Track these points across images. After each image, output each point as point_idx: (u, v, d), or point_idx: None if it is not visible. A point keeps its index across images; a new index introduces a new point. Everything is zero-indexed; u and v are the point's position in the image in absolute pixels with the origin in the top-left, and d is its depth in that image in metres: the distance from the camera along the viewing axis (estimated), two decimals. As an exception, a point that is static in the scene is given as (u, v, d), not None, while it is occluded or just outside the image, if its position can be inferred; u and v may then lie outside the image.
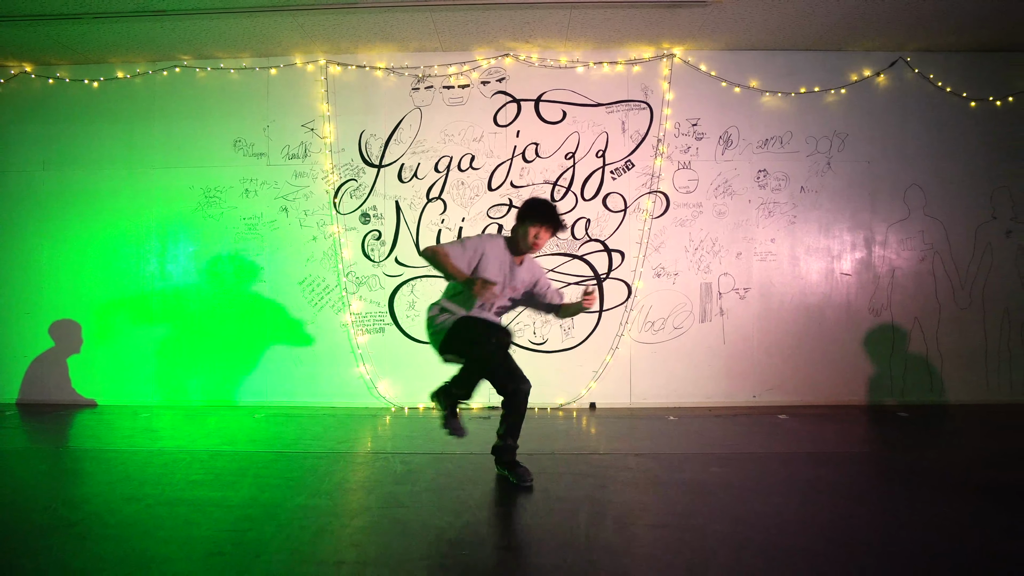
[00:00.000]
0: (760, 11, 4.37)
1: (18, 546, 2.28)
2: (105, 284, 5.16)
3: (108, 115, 5.18)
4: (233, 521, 2.49)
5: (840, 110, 5.01)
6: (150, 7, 4.28)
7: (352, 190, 5.01)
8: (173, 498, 2.79)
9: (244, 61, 5.12)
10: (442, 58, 5.00)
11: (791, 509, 2.65)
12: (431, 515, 2.55)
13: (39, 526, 2.48)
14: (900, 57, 5.00)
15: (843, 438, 4.01)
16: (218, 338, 5.07)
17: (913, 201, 5.03)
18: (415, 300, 4.97)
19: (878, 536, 2.31)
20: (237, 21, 4.53)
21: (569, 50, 4.98)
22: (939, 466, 3.32)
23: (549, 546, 2.25)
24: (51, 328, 5.21)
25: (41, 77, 5.21)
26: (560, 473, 3.16)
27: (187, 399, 5.08)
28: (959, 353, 4.99)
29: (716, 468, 3.25)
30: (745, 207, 4.99)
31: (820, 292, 5.01)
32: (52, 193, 5.20)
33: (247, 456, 3.51)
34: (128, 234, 5.17)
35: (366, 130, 5.02)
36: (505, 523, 2.53)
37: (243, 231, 5.08)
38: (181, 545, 2.27)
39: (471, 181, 4.97)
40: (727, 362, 4.97)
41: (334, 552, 2.19)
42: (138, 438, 4.02)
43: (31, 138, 5.22)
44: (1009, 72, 4.99)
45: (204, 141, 5.12)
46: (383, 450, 3.69)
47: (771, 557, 2.14)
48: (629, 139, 4.98)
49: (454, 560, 2.13)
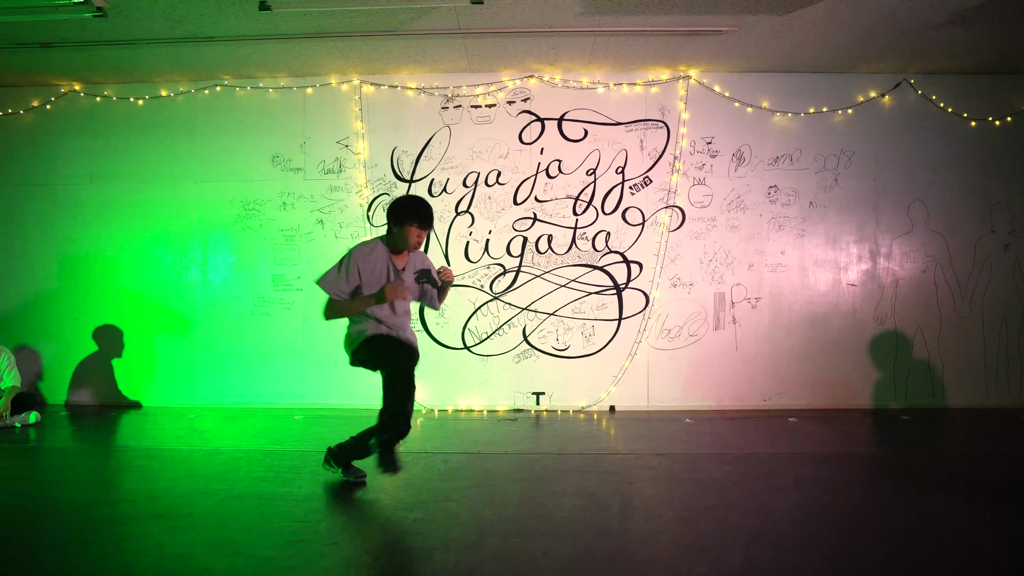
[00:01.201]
0: (771, 38, 4.64)
1: (115, 533, 2.57)
2: (149, 292, 5.46)
3: (152, 131, 5.47)
4: (303, 513, 2.78)
5: (847, 129, 5.28)
6: (200, 33, 4.58)
7: (384, 204, 5.30)
8: (242, 492, 3.08)
9: (282, 81, 5.41)
10: (470, 79, 5.29)
11: (801, 504, 2.92)
12: (479, 508, 2.84)
13: (128, 516, 2.77)
14: (904, 79, 5.27)
15: (849, 440, 4.28)
16: (256, 343, 5.36)
17: (916, 215, 5.29)
18: (444, 308, 5.21)
19: (882, 529, 2.59)
20: (278, 45, 4.81)
21: (591, 72, 5.26)
22: (938, 466, 3.60)
23: (587, 535, 2.53)
24: (95, 333, 5.51)
25: (89, 95, 5.51)
26: (588, 471, 3.44)
27: (227, 401, 5.37)
28: (959, 359, 5.26)
29: (730, 467, 3.53)
30: (757, 221, 5.27)
31: (827, 301, 5.28)
32: (98, 205, 5.50)
33: (298, 455, 3.79)
34: (171, 244, 5.46)
35: (398, 147, 5.31)
36: (546, 515, 2.80)
37: (281, 242, 5.38)
38: (261, 534, 2.55)
39: (497, 196, 5.26)
40: (739, 368, 5.24)
41: (401, 540, 2.48)
42: (191, 438, 4.32)
43: (78, 153, 5.51)
44: (1007, 93, 5.25)
45: (243, 156, 5.41)
46: (423, 450, 3.97)
47: (785, 547, 2.42)
48: (647, 156, 5.26)
49: (507, 547, 2.41)
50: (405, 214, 3.01)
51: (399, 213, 3.03)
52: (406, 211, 3.02)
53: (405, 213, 3.02)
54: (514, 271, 5.26)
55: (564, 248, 5.24)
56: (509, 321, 5.25)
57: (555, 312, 5.23)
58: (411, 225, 3.00)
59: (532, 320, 5.24)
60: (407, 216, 3.01)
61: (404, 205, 3.05)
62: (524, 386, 5.25)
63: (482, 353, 5.27)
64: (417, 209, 3.03)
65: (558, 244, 5.24)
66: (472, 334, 5.27)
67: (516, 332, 5.24)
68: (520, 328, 5.25)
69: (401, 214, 3.02)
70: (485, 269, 5.27)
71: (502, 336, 5.26)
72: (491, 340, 5.26)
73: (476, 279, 5.26)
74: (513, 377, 5.24)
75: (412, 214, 3.01)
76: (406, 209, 3.03)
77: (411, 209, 3.03)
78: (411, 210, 3.02)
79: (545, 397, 5.23)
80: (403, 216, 3.01)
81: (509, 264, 5.26)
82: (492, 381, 5.26)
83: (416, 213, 3.02)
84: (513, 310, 5.25)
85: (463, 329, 5.28)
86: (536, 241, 5.24)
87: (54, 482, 3.44)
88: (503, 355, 5.26)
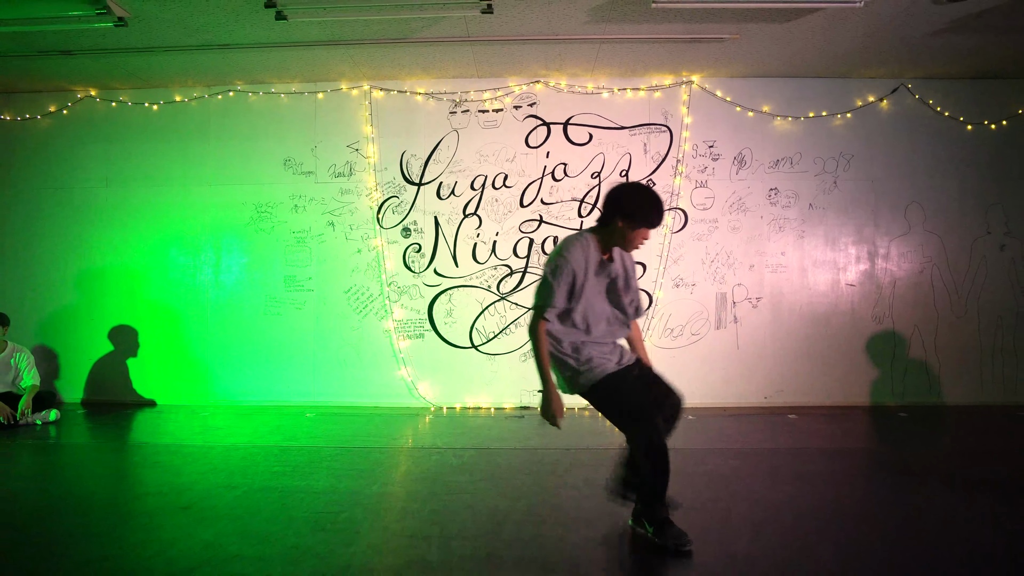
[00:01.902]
0: (772, 44, 4.76)
1: (148, 523, 2.71)
2: (163, 292, 5.58)
3: (166, 135, 5.60)
4: (323, 505, 2.91)
5: (846, 133, 5.40)
6: (215, 41, 4.70)
7: (394, 206, 5.43)
8: (263, 486, 3.20)
9: (294, 86, 5.53)
10: (477, 84, 5.41)
11: (802, 496, 3.05)
12: (493, 500, 2.97)
13: (157, 508, 2.90)
14: (901, 84, 5.39)
15: (847, 435, 4.41)
16: (268, 342, 5.48)
17: (913, 217, 5.42)
18: (452, 308, 5.39)
19: (881, 521, 2.71)
20: (291, 52, 4.93)
21: (595, 77, 5.39)
22: (934, 461, 3.72)
23: (600, 523, 2.65)
24: (110, 333, 5.64)
25: (105, 100, 5.64)
26: (597, 465, 3.56)
27: (240, 399, 5.49)
28: (955, 358, 5.38)
29: (734, 461, 3.65)
30: (757, 223, 5.39)
31: (827, 301, 5.40)
32: (114, 208, 5.62)
33: (314, 451, 3.92)
34: (185, 246, 5.59)
35: (407, 150, 5.44)
36: (558, 504, 2.93)
37: (292, 244, 5.50)
38: (286, 524, 2.68)
39: (504, 198, 5.38)
40: (740, 366, 5.36)
41: (420, 529, 2.60)
42: (208, 435, 4.44)
43: (95, 157, 5.64)
44: (1003, 97, 5.37)
45: (256, 160, 5.54)
46: (435, 445, 4.10)
47: (787, 536, 2.55)
48: (650, 159, 5.38)
49: (523, 534, 2.53)
50: (642, 212, 2.38)
51: (634, 208, 2.39)
52: (645, 208, 2.39)
53: (642, 211, 2.38)
54: (520, 272, 5.38)
55: (570, 249, 5.36)
56: (516, 320, 5.38)
57: (561, 312, 5.35)
58: (644, 226, 2.41)
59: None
60: (644, 214, 2.39)
61: (643, 200, 2.40)
62: (531, 384, 5.36)
63: (489, 352, 5.39)
64: (658, 209, 2.41)
65: (564, 245, 5.36)
66: (480, 333, 5.39)
67: (523, 331, 5.36)
68: (526, 327, 5.36)
69: (636, 211, 2.38)
70: (492, 270, 5.39)
71: (509, 335, 5.38)
72: (498, 339, 5.39)
73: (483, 280, 5.39)
74: (520, 375, 5.36)
75: (650, 213, 2.39)
76: (645, 205, 2.39)
77: (651, 207, 2.40)
78: (651, 208, 2.39)
79: (551, 395, 5.35)
80: (638, 214, 2.38)
81: (516, 265, 5.38)
82: (499, 379, 5.39)
83: (657, 214, 2.41)
84: (520, 310, 5.37)
85: (471, 328, 5.40)
86: (542, 243, 5.37)
87: (81, 477, 3.56)
88: (510, 354, 5.38)
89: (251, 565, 2.25)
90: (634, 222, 2.40)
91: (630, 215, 2.39)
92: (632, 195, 2.44)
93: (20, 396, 4.76)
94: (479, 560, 2.30)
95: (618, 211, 2.42)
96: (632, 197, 2.43)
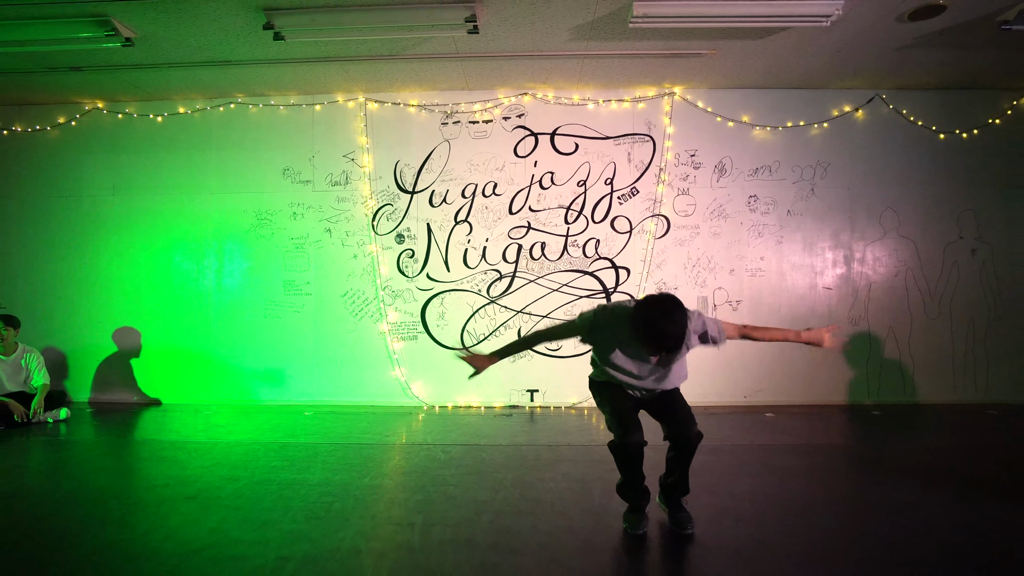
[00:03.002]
0: (748, 59, 4.99)
1: (157, 512, 2.94)
2: (167, 296, 5.83)
3: (170, 146, 5.84)
4: (318, 496, 3.14)
5: (823, 142, 5.62)
6: (217, 58, 4.93)
7: (388, 213, 5.66)
8: (263, 479, 3.44)
9: (292, 99, 5.77)
10: (468, 96, 5.64)
11: (765, 488, 3.27)
12: (475, 491, 3.20)
13: (165, 498, 3.13)
14: (876, 94, 5.61)
15: (820, 432, 4.63)
16: (269, 344, 5.72)
17: (888, 223, 5.63)
18: (444, 311, 5.62)
19: (838, 510, 2.93)
20: (289, 67, 5.16)
21: (581, 89, 5.61)
22: (900, 455, 3.94)
23: (572, 513, 2.88)
24: (114, 334, 5.88)
25: (111, 112, 5.88)
26: (577, 460, 3.79)
27: (241, 398, 5.73)
28: (928, 358, 5.60)
29: (706, 457, 3.84)
30: (737, 228, 5.61)
31: (805, 304, 5.63)
32: (120, 215, 5.87)
33: (311, 447, 4.15)
34: (188, 252, 5.83)
35: (400, 160, 5.67)
36: (535, 497, 3.15)
37: (291, 250, 5.74)
38: (284, 513, 2.91)
39: (494, 206, 5.61)
40: (721, 366, 5.58)
41: (405, 517, 2.83)
42: (211, 432, 4.68)
43: (101, 166, 5.89)
44: (973, 108, 5.59)
45: (256, 169, 5.78)
46: (425, 442, 4.33)
47: (744, 521, 2.77)
48: (634, 168, 5.61)
49: (499, 523, 2.76)
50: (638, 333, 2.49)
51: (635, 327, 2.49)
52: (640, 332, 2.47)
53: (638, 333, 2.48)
54: (510, 276, 5.61)
55: (556, 255, 5.59)
56: (505, 323, 5.61)
57: (548, 315, 5.58)
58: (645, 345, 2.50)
59: (527, 322, 5.60)
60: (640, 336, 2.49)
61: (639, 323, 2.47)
62: (519, 384, 5.61)
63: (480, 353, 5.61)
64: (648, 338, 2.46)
65: (551, 251, 5.59)
66: (471, 335, 5.63)
67: (511, 333, 5.60)
68: (515, 329, 5.61)
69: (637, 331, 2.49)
70: (482, 275, 5.62)
71: (499, 337, 5.61)
72: (488, 341, 5.62)
73: (474, 284, 5.62)
74: (509, 375, 5.60)
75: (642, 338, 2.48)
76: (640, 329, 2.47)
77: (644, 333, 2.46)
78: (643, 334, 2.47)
79: (539, 394, 5.59)
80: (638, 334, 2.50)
81: (505, 270, 5.61)
82: (489, 379, 5.56)
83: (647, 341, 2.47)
84: (509, 313, 5.60)
85: (462, 331, 5.64)
86: (530, 248, 5.60)
87: (92, 471, 3.79)
88: (500, 355, 5.60)
89: (252, 548, 2.49)
90: (645, 343, 2.49)
91: (642, 338, 2.48)
92: (635, 314, 2.50)
93: (31, 395, 5.00)
94: (457, 544, 2.53)
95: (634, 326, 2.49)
96: (635, 316, 2.49)
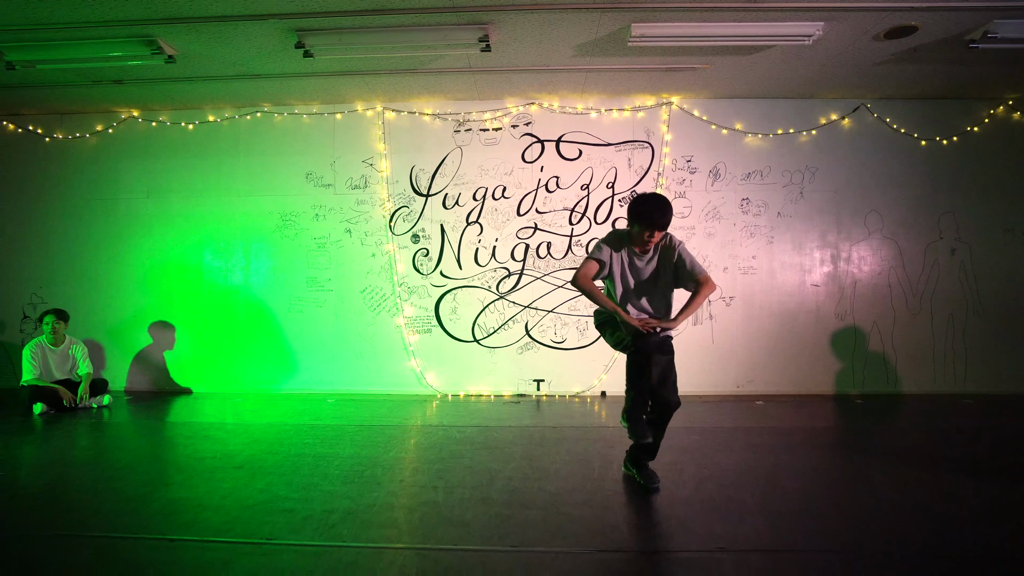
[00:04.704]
0: (739, 72, 5.37)
1: (211, 477, 3.35)
2: (198, 292, 6.25)
3: (201, 152, 6.27)
4: (350, 466, 3.55)
5: (811, 148, 6.00)
6: (248, 72, 5.35)
7: (404, 215, 6.07)
8: (300, 452, 3.85)
9: (314, 108, 6.19)
10: (479, 106, 6.05)
11: (746, 462, 3.65)
12: (488, 462, 3.60)
13: (215, 467, 3.54)
14: (862, 104, 5.99)
15: (804, 418, 5.00)
16: (293, 337, 6.14)
17: (872, 224, 6.01)
18: (456, 306, 6.03)
19: (809, 477, 3.32)
20: (313, 80, 5.58)
21: (585, 99, 6.01)
22: (877, 439, 4.31)
23: (573, 479, 3.28)
24: (150, 328, 6.31)
25: (146, 121, 6.31)
26: (579, 440, 4.19)
27: (267, 387, 6.15)
28: (910, 351, 5.97)
29: (696, 437, 4.26)
30: (731, 229, 6.00)
31: (794, 300, 6.00)
32: (154, 217, 6.30)
33: (338, 428, 4.56)
34: (217, 250, 6.25)
35: (416, 165, 6.08)
36: (541, 467, 3.55)
37: (314, 249, 6.15)
38: (322, 478, 3.32)
39: (503, 208, 6.01)
40: (715, 358, 5.97)
41: (429, 481, 3.24)
42: (243, 416, 5.09)
43: (137, 171, 6.32)
44: (953, 117, 5.96)
45: (281, 174, 6.20)
46: (441, 424, 4.73)
47: (723, 488, 3.16)
48: (634, 173, 6.00)
49: (511, 485, 3.16)
50: (640, 217, 2.93)
51: (636, 214, 2.95)
52: (642, 213, 2.92)
53: (640, 215, 2.92)
54: (517, 274, 6.01)
55: (561, 253, 5.99)
56: (513, 317, 6.01)
57: (553, 309, 5.98)
58: (645, 227, 2.93)
59: (533, 316, 5.99)
60: (641, 218, 2.93)
61: (640, 206, 2.93)
62: (526, 374, 6.01)
63: (489, 345, 6.02)
64: (649, 213, 2.90)
65: (556, 250, 5.99)
66: (481, 329, 6.03)
67: (519, 327, 6.00)
68: (523, 323, 6.01)
69: (637, 216, 2.94)
70: (492, 272, 6.02)
71: (507, 330, 6.01)
72: (497, 334, 6.02)
73: (484, 281, 6.02)
74: (517, 366, 6.00)
75: (645, 216, 2.91)
76: (642, 210, 2.92)
77: (646, 211, 2.91)
78: (645, 212, 2.91)
79: (545, 383, 5.99)
80: (639, 218, 2.94)
81: (513, 268, 6.02)
82: (498, 370, 6.02)
83: (648, 217, 2.90)
84: (517, 308, 6.01)
85: (473, 324, 6.04)
86: (537, 247, 5.99)
87: (143, 447, 4.22)
88: (508, 347, 6.01)
89: (299, 504, 2.90)
90: (638, 224, 2.96)
91: (634, 219, 2.98)
92: (635, 203, 2.98)
93: (77, 383, 5.43)
94: (475, 501, 2.94)
95: (630, 216, 3.01)
96: (635, 205, 2.98)
